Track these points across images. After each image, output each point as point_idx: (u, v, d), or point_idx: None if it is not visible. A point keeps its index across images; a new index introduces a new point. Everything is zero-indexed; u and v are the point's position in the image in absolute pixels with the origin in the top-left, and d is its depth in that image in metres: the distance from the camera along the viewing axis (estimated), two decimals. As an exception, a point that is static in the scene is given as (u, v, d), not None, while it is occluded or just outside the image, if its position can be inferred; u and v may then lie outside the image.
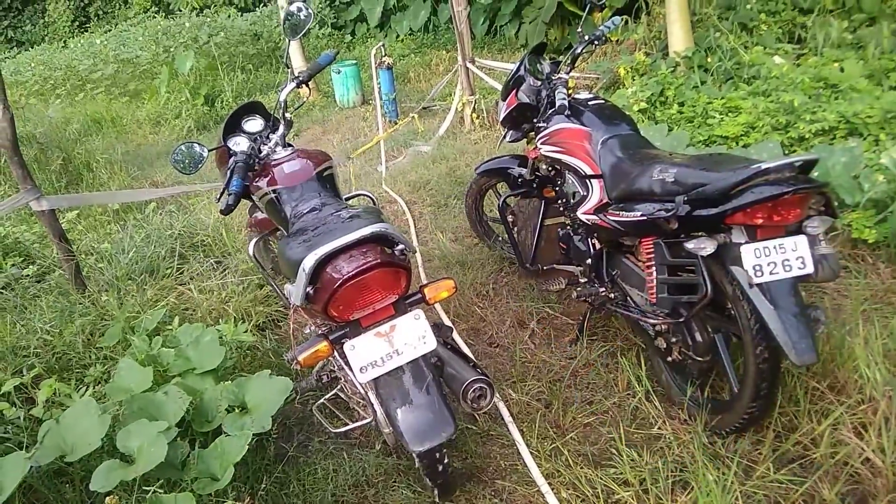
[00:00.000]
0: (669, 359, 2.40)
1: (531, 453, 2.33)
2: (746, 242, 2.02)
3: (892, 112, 3.90)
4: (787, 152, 4.00)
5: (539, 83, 3.03)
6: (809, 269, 2.02)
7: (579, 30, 3.12)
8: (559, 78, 2.94)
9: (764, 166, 1.90)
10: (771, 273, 2.00)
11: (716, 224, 2.07)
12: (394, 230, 1.83)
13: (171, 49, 10.87)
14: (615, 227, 2.47)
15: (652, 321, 2.35)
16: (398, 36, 11.48)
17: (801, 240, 2.04)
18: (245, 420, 2.26)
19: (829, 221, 2.09)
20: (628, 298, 2.60)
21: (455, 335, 3.09)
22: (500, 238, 3.82)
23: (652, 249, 2.31)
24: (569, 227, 2.98)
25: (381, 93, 7.36)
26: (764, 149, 3.84)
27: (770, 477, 2.09)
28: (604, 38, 3.09)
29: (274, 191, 2.44)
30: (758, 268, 2.00)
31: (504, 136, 3.32)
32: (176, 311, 3.22)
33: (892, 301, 2.92)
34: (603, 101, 2.90)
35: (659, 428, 2.40)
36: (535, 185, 3.23)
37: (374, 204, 2.89)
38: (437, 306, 3.38)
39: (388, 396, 1.87)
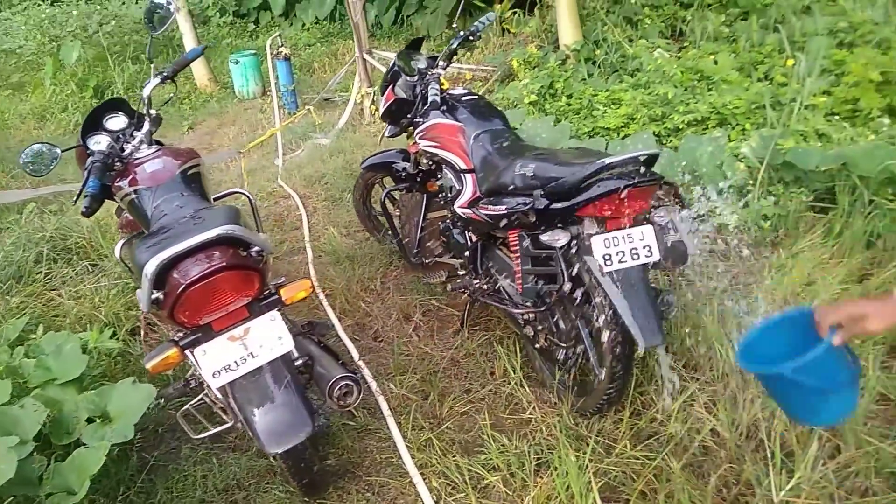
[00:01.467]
0: (537, 346, 2.48)
1: (406, 445, 2.37)
2: (596, 233, 2.11)
3: (756, 103, 4.16)
4: (662, 142, 4.20)
5: (414, 79, 3.05)
6: (656, 256, 2.14)
7: (454, 25, 3.17)
8: (433, 74, 2.98)
9: (608, 161, 2.00)
10: (620, 262, 2.11)
11: (570, 216, 2.16)
12: (243, 231, 1.80)
13: (58, 39, 10.26)
14: (486, 220, 2.53)
15: (519, 311, 2.42)
16: (304, 25, 11.26)
17: (648, 229, 2.15)
18: (106, 430, 2.19)
19: (676, 211, 2.22)
20: (501, 289, 2.67)
21: (340, 331, 3.10)
22: (389, 232, 3.83)
23: (517, 241, 2.38)
24: (448, 221, 3.03)
25: (278, 84, 7.22)
26: (639, 140, 4.02)
27: (627, 454, 2.21)
28: (478, 34, 3.15)
29: (135, 191, 2.36)
30: (607, 257, 2.10)
31: (385, 132, 3.33)
32: (44, 318, 3.08)
33: (750, 282, 3.13)
34: (477, 97, 2.96)
35: (529, 413, 2.49)
36: (418, 180, 3.26)
37: (251, 202, 2.84)
38: (324, 301, 3.37)
39: (245, 399, 1.85)
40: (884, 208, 3.13)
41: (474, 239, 2.84)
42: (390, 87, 3.12)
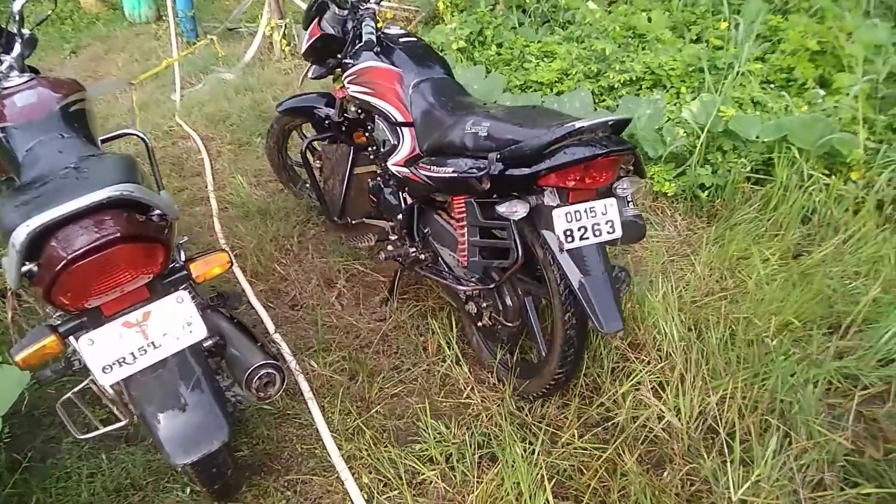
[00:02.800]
0: (480, 324, 2.26)
1: (332, 435, 2.11)
2: (558, 206, 1.88)
3: (692, 65, 4.04)
4: (596, 101, 4.02)
5: (345, 12, 2.67)
6: (618, 233, 1.95)
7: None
8: (367, 8, 2.61)
9: (578, 125, 1.75)
10: (581, 238, 1.90)
11: (528, 185, 1.91)
12: (142, 192, 1.44)
13: None
14: (426, 183, 2.25)
15: (462, 287, 2.18)
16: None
17: (612, 203, 1.95)
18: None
19: (639, 182, 2.03)
20: (439, 259, 2.41)
21: (252, 298, 2.76)
22: (308, 185, 3.47)
23: (464, 209, 2.13)
24: (379, 178, 2.72)
25: (175, 9, 6.47)
26: (576, 98, 3.82)
27: (575, 444, 2.05)
28: None
29: (2, 129, 1.91)
30: (569, 233, 1.88)
31: (307, 72, 2.94)
32: None
33: (688, 253, 3.03)
34: (416, 40, 2.63)
35: (468, 396, 2.28)
36: (343, 129, 2.91)
37: (148, 146, 2.41)
38: (234, 263, 2.99)
39: (144, 399, 1.52)
40: (820, 183, 3.09)
41: (409, 201, 2.55)
42: (316, 20, 2.72)
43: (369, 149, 2.77)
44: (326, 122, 2.95)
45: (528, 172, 1.85)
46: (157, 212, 1.49)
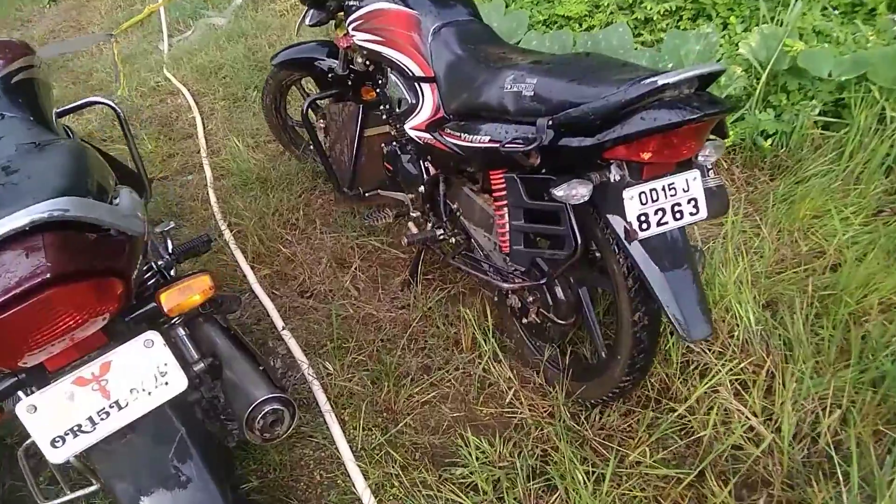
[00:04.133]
0: (526, 321, 1.90)
1: (356, 462, 1.78)
2: (629, 185, 1.49)
3: (740, -9, 3.53)
4: (633, 37, 3.53)
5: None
6: (703, 213, 1.56)
7: None
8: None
9: (661, 81, 1.33)
10: (659, 224, 1.51)
11: (591, 159, 1.51)
12: (85, 209, 1.05)
13: None
14: (454, 152, 1.85)
15: (505, 284, 1.80)
16: None
17: (694, 176, 1.55)
18: None
19: (723, 147, 1.62)
20: (472, 241, 2.03)
21: (255, 286, 2.40)
22: (312, 148, 3.05)
23: (504, 185, 1.73)
24: (395, 143, 2.31)
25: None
26: (613, 34, 3.34)
27: (646, 464, 1.72)
28: None
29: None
30: (643, 218, 1.49)
31: (303, 18, 2.49)
32: None
33: (751, 213, 2.63)
34: (431, -27, 2.17)
35: (511, 403, 1.94)
36: (350, 84, 2.48)
37: (119, 115, 2.01)
38: (231, 244, 2.62)
39: (114, 474, 1.19)
40: (904, 126, 2.65)
41: (432, 171, 2.16)
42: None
43: (381, 107, 2.35)
44: (330, 76, 2.52)
45: (591, 143, 1.45)
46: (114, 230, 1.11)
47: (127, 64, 4.57)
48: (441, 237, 2.06)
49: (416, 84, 2.03)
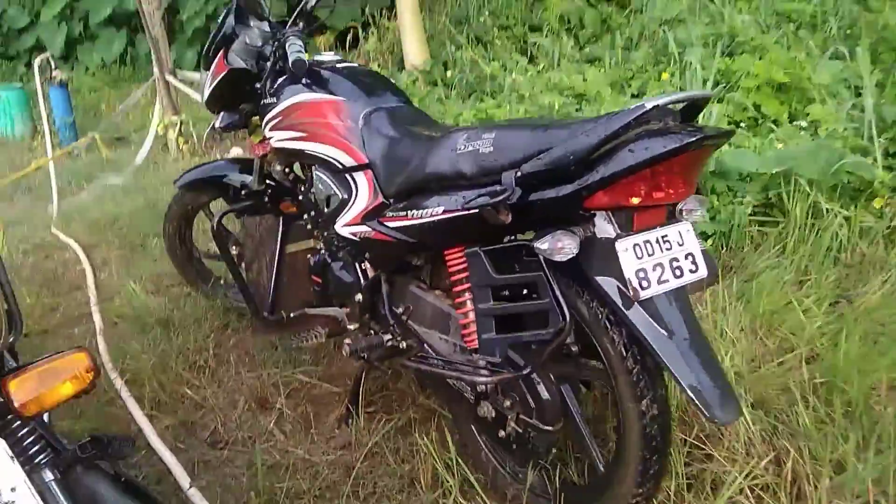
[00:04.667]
0: (502, 433, 1.53)
1: None
2: (621, 237, 1.25)
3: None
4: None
5: (259, 39, 2.05)
6: (703, 271, 1.33)
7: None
8: (293, 29, 1.99)
9: (650, 104, 1.16)
10: (660, 282, 1.26)
11: (570, 210, 1.28)
12: None
13: None
14: (398, 239, 1.58)
15: (481, 378, 1.45)
16: (88, 69, 9.53)
17: (687, 228, 1.34)
18: None
19: (707, 202, 1.44)
20: (426, 348, 1.70)
21: (153, 438, 1.92)
22: (223, 281, 2.70)
23: (464, 264, 1.46)
24: (324, 252, 2.01)
25: (52, 117, 5.70)
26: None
27: None
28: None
29: None
30: (642, 274, 1.24)
31: (213, 123, 2.26)
32: None
33: (707, 315, 2.45)
34: (356, 65, 2.03)
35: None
36: (266, 199, 2.21)
37: None
38: (122, 391, 2.15)
39: None
40: (840, 216, 2.63)
41: (371, 273, 1.86)
42: (221, 54, 2.07)
43: (305, 216, 2.08)
44: (243, 192, 2.25)
45: (572, 190, 1.22)
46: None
47: (10, 226, 4.13)
48: (389, 343, 1.72)
49: (346, 176, 1.79)
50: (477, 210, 1.33)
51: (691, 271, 1.31)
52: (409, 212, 1.53)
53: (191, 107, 5.62)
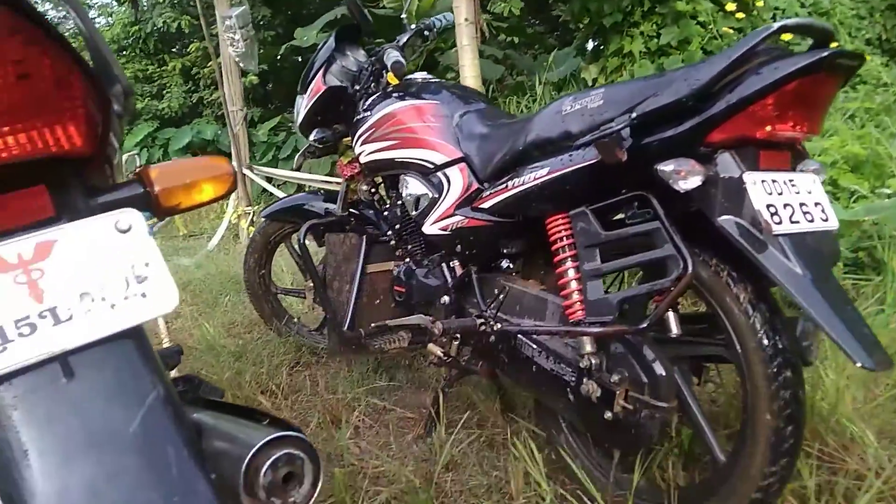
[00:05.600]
0: (609, 415, 1.39)
1: None
2: (749, 171, 1.19)
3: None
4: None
5: (355, 65, 2.15)
6: (834, 222, 1.25)
7: (403, 16, 2.33)
8: (393, 43, 2.08)
9: (776, 25, 1.14)
10: (791, 221, 1.18)
11: (689, 149, 1.23)
12: None
13: None
14: (495, 221, 1.56)
15: (594, 330, 1.34)
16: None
17: (814, 178, 1.28)
18: None
19: (823, 171, 1.38)
20: (516, 341, 1.60)
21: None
22: (297, 321, 2.67)
23: (568, 228, 1.41)
24: (409, 261, 1.99)
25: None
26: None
27: None
28: (434, 32, 2.33)
29: None
30: (773, 210, 1.17)
31: (303, 150, 2.32)
32: None
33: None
34: (445, 80, 2.11)
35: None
36: (349, 223, 2.23)
37: None
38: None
39: (25, 439, 0.62)
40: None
41: (459, 271, 1.81)
42: (319, 75, 2.17)
43: (389, 232, 2.08)
44: (326, 220, 2.27)
45: (694, 122, 1.19)
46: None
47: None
48: (482, 327, 1.62)
49: (438, 174, 1.80)
50: (586, 164, 1.31)
51: (822, 220, 1.23)
52: (509, 183, 1.51)
53: (265, 198, 5.87)
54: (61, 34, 0.63)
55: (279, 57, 8.33)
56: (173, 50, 9.65)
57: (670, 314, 1.36)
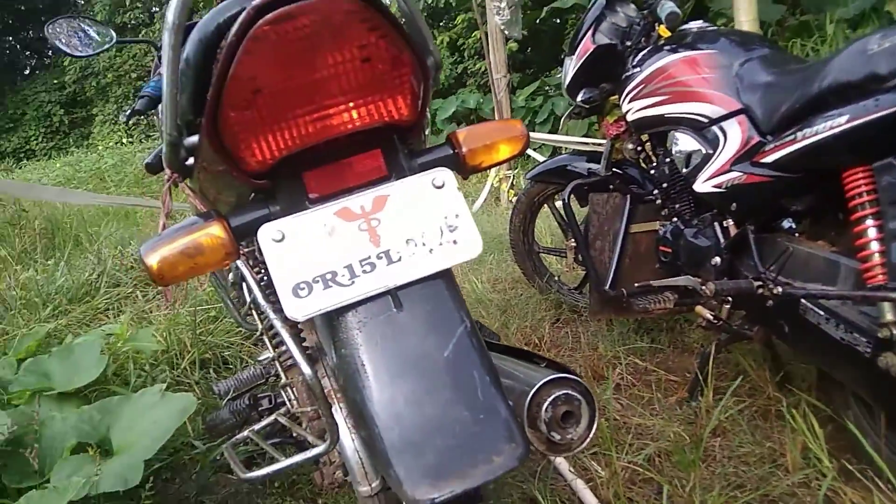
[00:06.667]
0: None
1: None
2: None
3: None
4: None
5: (626, 21, 2.12)
6: None
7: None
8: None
9: None
10: None
11: None
12: None
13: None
14: (778, 177, 1.46)
15: (882, 317, 1.22)
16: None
17: None
18: (97, 467, 1.15)
19: None
20: (801, 306, 1.49)
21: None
22: (557, 279, 2.76)
23: (871, 182, 1.27)
24: (676, 220, 1.94)
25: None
26: None
27: None
28: None
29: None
30: None
31: (569, 111, 2.37)
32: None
33: None
34: (718, 27, 1.99)
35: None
36: (613, 182, 2.23)
37: None
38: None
39: (362, 368, 0.77)
40: None
41: (733, 231, 1.73)
42: (588, 34, 2.18)
43: (655, 192, 2.05)
44: (590, 179, 2.29)
45: None
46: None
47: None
48: (760, 290, 1.54)
49: (713, 128, 1.72)
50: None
51: None
52: (798, 134, 1.39)
53: (525, 164, 6.05)
54: (395, 17, 0.76)
55: (538, 21, 8.40)
56: (440, 24, 10.24)
57: None
